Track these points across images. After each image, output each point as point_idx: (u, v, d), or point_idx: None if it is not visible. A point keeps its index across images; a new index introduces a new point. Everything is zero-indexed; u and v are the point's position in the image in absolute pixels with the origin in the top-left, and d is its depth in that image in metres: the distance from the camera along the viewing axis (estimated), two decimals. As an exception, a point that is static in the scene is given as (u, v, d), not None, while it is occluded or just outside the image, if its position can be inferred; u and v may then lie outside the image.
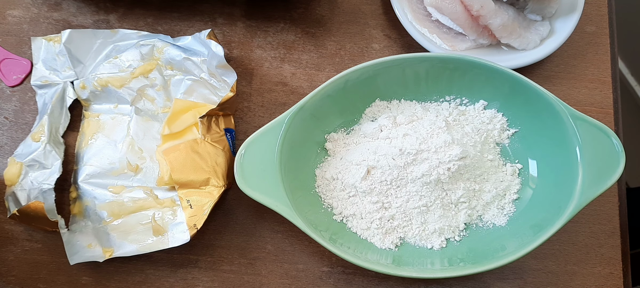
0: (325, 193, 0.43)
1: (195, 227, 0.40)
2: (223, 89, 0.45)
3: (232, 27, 0.49)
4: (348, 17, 0.50)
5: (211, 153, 0.42)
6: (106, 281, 0.43)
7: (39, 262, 0.44)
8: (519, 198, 0.43)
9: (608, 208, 0.45)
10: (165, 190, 0.44)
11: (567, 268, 0.44)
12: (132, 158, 0.44)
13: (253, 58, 0.49)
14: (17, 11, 0.49)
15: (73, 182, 0.45)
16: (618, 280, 0.44)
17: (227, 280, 0.43)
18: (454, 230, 0.42)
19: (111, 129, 0.46)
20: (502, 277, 0.44)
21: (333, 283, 0.43)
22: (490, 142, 0.43)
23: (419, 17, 0.47)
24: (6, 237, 0.44)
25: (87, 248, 0.41)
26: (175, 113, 0.44)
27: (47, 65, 0.46)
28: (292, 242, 0.44)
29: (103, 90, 0.45)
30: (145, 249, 0.41)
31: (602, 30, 0.50)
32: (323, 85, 0.41)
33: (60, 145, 0.45)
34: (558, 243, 0.44)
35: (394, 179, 0.40)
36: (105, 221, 0.43)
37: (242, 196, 0.40)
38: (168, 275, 0.43)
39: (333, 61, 0.49)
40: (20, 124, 0.47)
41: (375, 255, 0.40)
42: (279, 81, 0.48)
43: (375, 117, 0.44)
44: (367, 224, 0.41)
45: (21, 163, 0.43)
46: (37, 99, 0.46)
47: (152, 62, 0.46)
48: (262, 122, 0.45)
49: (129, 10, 0.49)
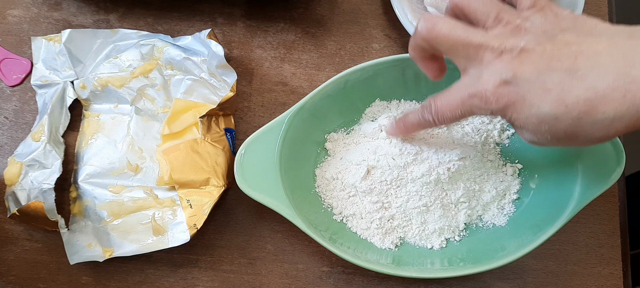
0: (325, 193, 0.43)
1: (195, 226, 0.40)
2: (223, 89, 0.45)
3: (232, 27, 0.49)
4: (348, 17, 0.50)
5: (211, 153, 0.42)
6: (106, 281, 0.43)
7: (39, 261, 0.44)
8: (519, 198, 0.43)
9: (608, 208, 0.45)
10: (165, 190, 0.44)
11: (567, 268, 0.44)
12: (132, 158, 0.44)
13: (253, 58, 0.49)
14: (17, 11, 0.49)
15: (73, 182, 0.45)
16: (618, 280, 0.44)
17: (227, 280, 0.43)
18: (454, 230, 0.42)
19: (111, 129, 0.46)
20: (502, 277, 0.44)
21: (333, 283, 0.43)
22: (491, 142, 0.43)
23: (419, 17, 0.47)
24: (6, 236, 0.44)
25: (87, 248, 0.41)
26: (175, 113, 0.44)
27: (47, 65, 0.46)
28: (292, 242, 0.44)
29: (103, 90, 0.45)
30: (145, 249, 0.41)
31: (602, 30, 0.50)
32: (323, 85, 0.41)
33: (60, 144, 0.45)
34: (558, 243, 0.44)
35: (394, 179, 0.40)
36: (105, 221, 0.43)
37: (242, 196, 0.40)
38: (168, 275, 0.43)
39: (333, 61, 0.49)
40: (20, 124, 0.47)
41: (375, 255, 0.40)
42: (279, 81, 0.48)
43: (375, 117, 0.44)
44: (367, 224, 0.41)
45: (21, 163, 0.43)
46: (37, 98, 0.46)
47: (152, 62, 0.46)
48: (262, 122, 0.45)
49: (129, 10, 0.49)
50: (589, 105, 0.26)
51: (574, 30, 0.28)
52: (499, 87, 0.28)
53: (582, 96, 0.26)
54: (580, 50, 0.27)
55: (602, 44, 0.26)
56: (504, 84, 0.28)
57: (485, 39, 0.29)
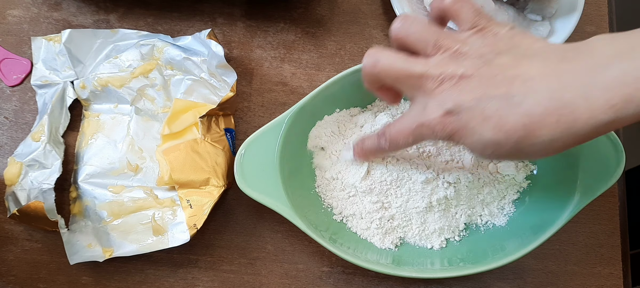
0: (325, 193, 0.43)
1: (195, 226, 0.40)
2: (223, 89, 0.45)
3: (232, 27, 0.49)
4: (348, 17, 0.50)
5: (211, 153, 0.42)
6: (106, 281, 0.43)
7: (39, 261, 0.44)
8: (519, 198, 0.43)
9: (608, 208, 0.45)
10: (165, 190, 0.44)
11: (567, 268, 0.44)
12: (132, 158, 0.44)
13: (253, 58, 0.49)
14: (17, 11, 0.49)
15: (73, 182, 0.45)
16: (618, 280, 0.44)
17: (227, 280, 0.43)
18: (454, 230, 0.42)
19: (111, 129, 0.46)
20: (502, 277, 0.44)
21: (333, 283, 0.43)
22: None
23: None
24: (6, 236, 0.44)
25: (87, 248, 0.41)
26: (175, 113, 0.44)
27: (47, 65, 0.46)
28: (292, 242, 0.44)
29: (103, 90, 0.45)
30: (145, 249, 0.41)
31: (602, 30, 0.50)
32: (323, 85, 0.41)
33: (60, 145, 0.45)
34: (558, 243, 0.44)
35: (394, 179, 0.40)
36: (105, 221, 0.43)
37: (242, 196, 0.40)
38: (168, 275, 0.43)
39: (333, 61, 0.49)
40: (20, 124, 0.47)
41: (375, 255, 0.40)
42: (279, 81, 0.48)
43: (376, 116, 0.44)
44: (367, 224, 0.41)
45: (21, 163, 0.43)
46: (37, 98, 0.46)
47: (152, 62, 0.46)
48: (262, 122, 0.45)
49: (129, 10, 0.49)
50: (526, 130, 0.27)
51: (510, 52, 0.28)
52: (443, 117, 0.29)
53: (519, 122, 0.27)
54: (516, 74, 0.27)
55: (535, 67, 0.27)
56: (447, 114, 0.29)
57: (425, 68, 0.29)
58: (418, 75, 0.29)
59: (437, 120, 0.29)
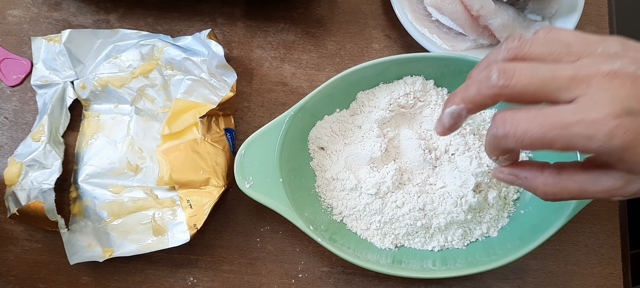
0: (325, 193, 0.43)
1: (195, 227, 0.40)
2: (223, 89, 0.45)
3: (232, 27, 0.49)
4: (348, 17, 0.50)
5: (211, 153, 0.42)
6: (106, 281, 0.43)
7: (39, 261, 0.44)
8: (519, 198, 0.43)
9: (608, 208, 0.45)
10: (165, 190, 0.44)
11: (567, 268, 0.44)
12: (132, 158, 0.44)
13: (253, 58, 0.49)
14: (17, 11, 0.49)
15: (73, 182, 0.45)
16: (618, 280, 0.44)
17: (227, 280, 0.43)
18: (454, 231, 0.42)
19: (111, 129, 0.46)
20: (502, 277, 0.44)
21: (333, 283, 0.43)
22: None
23: (419, 17, 0.47)
24: (6, 237, 0.44)
25: (87, 248, 0.41)
26: (175, 113, 0.44)
27: (47, 65, 0.46)
28: (292, 242, 0.44)
29: (103, 90, 0.45)
30: (145, 249, 0.41)
31: (602, 30, 0.50)
32: (323, 85, 0.41)
33: (60, 145, 0.45)
34: (558, 243, 0.44)
35: (395, 180, 0.40)
36: (105, 221, 0.43)
37: (242, 196, 0.40)
38: (168, 275, 0.43)
39: (333, 61, 0.49)
40: (20, 124, 0.47)
41: (375, 255, 0.40)
42: (279, 81, 0.48)
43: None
44: (367, 224, 0.41)
45: (21, 163, 0.43)
46: (37, 98, 0.46)
47: (152, 62, 0.46)
48: (262, 122, 0.45)
49: (129, 10, 0.49)
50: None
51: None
52: (615, 118, 0.23)
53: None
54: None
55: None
56: (627, 115, 0.23)
57: (578, 68, 0.24)
58: (570, 77, 0.24)
59: (608, 119, 0.23)
